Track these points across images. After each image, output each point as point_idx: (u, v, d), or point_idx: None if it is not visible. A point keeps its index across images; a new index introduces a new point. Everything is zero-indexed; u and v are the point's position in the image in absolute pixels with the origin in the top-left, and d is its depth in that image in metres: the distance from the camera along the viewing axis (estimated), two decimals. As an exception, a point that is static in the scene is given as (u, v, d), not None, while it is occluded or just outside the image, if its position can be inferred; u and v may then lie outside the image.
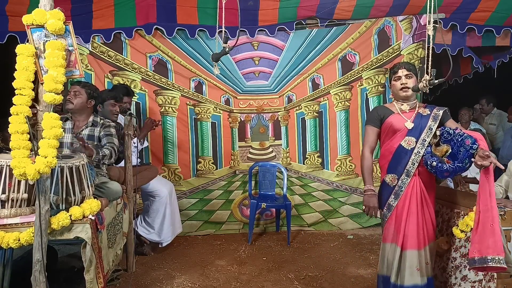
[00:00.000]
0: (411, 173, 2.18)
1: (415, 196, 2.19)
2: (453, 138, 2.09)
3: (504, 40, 4.17)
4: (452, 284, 2.40)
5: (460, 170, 2.03)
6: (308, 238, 4.03)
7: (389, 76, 2.40)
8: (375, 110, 2.40)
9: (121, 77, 3.98)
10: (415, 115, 2.26)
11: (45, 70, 1.88)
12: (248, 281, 2.99)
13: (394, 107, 2.34)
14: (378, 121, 2.31)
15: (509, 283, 2.36)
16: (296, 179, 4.33)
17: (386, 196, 2.25)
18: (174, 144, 4.15)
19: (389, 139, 2.28)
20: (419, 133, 2.20)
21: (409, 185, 2.19)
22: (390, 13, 4.02)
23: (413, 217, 2.17)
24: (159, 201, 3.44)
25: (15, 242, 1.94)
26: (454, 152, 2.06)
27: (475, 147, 1.96)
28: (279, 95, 4.26)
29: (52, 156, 1.80)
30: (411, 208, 2.18)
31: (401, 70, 2.29)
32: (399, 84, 2.28)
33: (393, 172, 2.23)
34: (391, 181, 2.25)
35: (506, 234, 2.35)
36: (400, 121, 2.25)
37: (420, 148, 2.18)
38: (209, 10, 3.76)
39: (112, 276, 2.84)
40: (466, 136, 2.02)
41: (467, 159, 1.99)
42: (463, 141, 2.01)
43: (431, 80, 2.59)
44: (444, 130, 2.16)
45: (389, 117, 2.29)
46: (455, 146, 2.07)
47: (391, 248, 2.21)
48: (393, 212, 2.22)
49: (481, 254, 1.92)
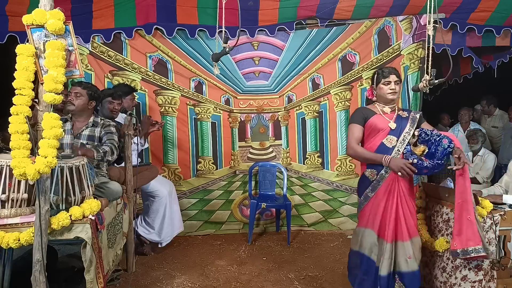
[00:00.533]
0: (389, 170, 2.32)
1: (393, 192, 2.34)
2: (430, 138, 2.29)
3: (504, 40, 4.16)
4: (452, 284, 2.40)
5: (438, 167, 2.22)
6: (308, 238, 4.03)
7: (377, 78, 2.46)
8: (360, 111, 2.53)
9: (121, 77, 3.98)
10: (396, 117, 2.44)
11: (45, 70, 1.88)
12: (248, 281, 2.99)
13: (376, 108, 2.49)
14: (363, 120, 2.45)
15: (509, 283, 2.37)
16: (296, 179, 4.33)
17: (364, 188, 2.42)
18: (174, 144, 4.15)
19: (372, 138, 2.43)
20: (400, 133, 2.38)
21: (387, 180, 2.34)
22: (390, 13, 4.02)
23: (390, 212, 2.32)
24: (158, 202, 3.44)
25: (15, 242, 1.94)
26: (432, 151, 2.25)
27: (452, 146, 2.20)
28: (279, 95, 4.26)
29: (52, 156, 1.80)
30: (388, 204, 2.33)
31: (392, 76, 2.42)
32: (388, 89, 2.41)
33: (373, 167, 2.38)
34: (370, 175, 2.40)
35: (506, 234, 2.36)
36: (384, 122, 2.42)
37: (400, 147, 2.35)
38: (209, 10, 3.76)
39: (112, 276, 2.84)
40: (443, 137, 2.24)
41: (445, 157, 2.20)
42: (440, 140, 2.23)
43: (431, 80, 2.60)
44: (422, 131, 2.35)
45: (372, 117, 2.44)
46: (432, 146, 2.26)
47: (365, 231, 2.39)
48: (369, 203, 2.38)
49: (462, 246, 2.17)
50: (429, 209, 2.68)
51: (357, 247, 2.46)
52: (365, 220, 2.41)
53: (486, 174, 4.22)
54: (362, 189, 2.44)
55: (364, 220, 2.42)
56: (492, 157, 4.26)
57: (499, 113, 5.19)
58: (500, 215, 2.33)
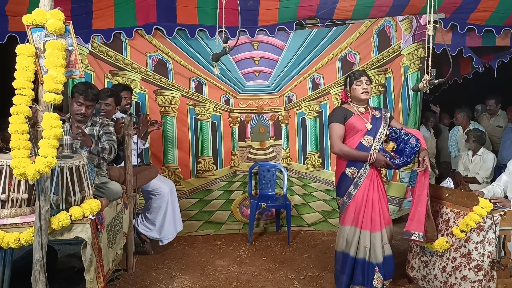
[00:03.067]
0: (368, 166, 2.52)
1: (373, 187, 2.53)
2: (399, 137, 2.55)
3: (504, 40, 4.16)
4: (452, 284, 2.40)
5: (407, 164, 2.52)
6: (308, 238, 4.03)
7: (350, 81, 2.65)
8: (339, 110, 2.66)
9: (121, 77, 3.98)
10: (371, 117, 2.62)
11: (45, 70, 1.88)
12: (248, 281, 2.99)
13: (352, 108, 2.65)
14: (343, 119, 2.59)
15: (509, 283, 2.37)
16: (296, 179, 4.33)
17: (347, 186, 2.56)
18: (174, 144, 4.15)
19: (351, 137, 2.60)
20: (375, 132, 2.58)
21: (367, 177, 2.52)
22: (390, 13, 4.02)
23: (373, 204, 2.52)
24: (160, 198, 3.44)
25: (15, 242, 1.95)
26: (401, 148, 2.51)
27: (419, 145, 2.46)
28: (279, 95, 4.26)
29: (52, 156, 1.80)
30: (370, 197, 2.52)
31: (363, 77, 2.61)
32: (361, 89, 2.59)
33: (353, 165, 2.54)
34: (351, 173, 2.55)
35: (506, 234, 2.36)
36: (361, 122, 2.59)
37: (376, 146, 2.56)
38: (209, 10, 3.75)
39: (112, 276, 2.84)
40: (410, 136, 2.50)
41: (413, 155, 2.46)
42: (408, 140, 2.48)
43: (431, 80, 2.61)
44: (392, 130, 2.61)
45: (351, 117, 2.59)
46: (401, 144, 2.52)
47: (351, 230, 2.54)
48: (354, 200, 2.53)
49: (408, 229, 2.52)
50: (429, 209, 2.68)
51: (343, 247, 2.57)
52: (350, 218, 2.54)
53: (486, 174, 4.22)
54: (344, 188, 2.57)
55: (349, 219, 2.54)
56: (491, 157, 4.26)
57: (502, 113, 5.18)
58: (500, 215, 2.33)
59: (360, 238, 2.51)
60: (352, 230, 2.53)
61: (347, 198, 2.55)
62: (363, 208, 2.51)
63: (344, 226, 2.57)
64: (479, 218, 2.30)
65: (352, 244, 2.52)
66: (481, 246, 2.31)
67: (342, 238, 2.58)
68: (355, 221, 2.52)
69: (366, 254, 2.50)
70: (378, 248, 2.49)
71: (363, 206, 2.51)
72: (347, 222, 2.55)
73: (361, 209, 2.51)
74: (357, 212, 2.52)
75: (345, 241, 2.55)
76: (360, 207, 2.51)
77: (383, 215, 2.53)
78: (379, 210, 2.52)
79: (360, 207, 2.51)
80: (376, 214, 2.51)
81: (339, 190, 2.64)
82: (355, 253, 2.52)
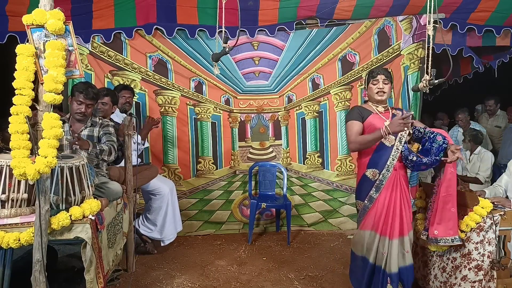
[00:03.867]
0: (391, 168, 2.35)
1: (396, 190, 2.37)
2: (424, 136, 2.39)
3: (504, 40, 4.16)
4: (452, 284, 2.40)
5: (435, 163, 2.30)
6: (308, 238, 4.03)
7: (367, 79, 2.53)
8: (356, 109, 2.53)
9: (121, 77, 3.98)
10: (391, 116, 2.45)
11: (45, 70, 1.88)
12: (248, 281, 2.99)
13: (371, 107, 2.51)
14: (361, 118, 2.46)
15: (509, 283, 2.37)
16: (296, 179, 4.33)
17: (368, 189, 2.40)
18: (174, 144, 4.15)
19: None
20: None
21: (390, 179, 2.36)
22: (390, 13, 4.02)
23: (396, 208, 2.35)
24: (160, 198, 3.44)
25: (15, 242, 1.94)
26: (427, 148, 2.34)
27: (447, 142, 2.28)
28: (279, 95, 4.26)
29: (52, 156, 1.80)
30: (393, 201, 2.35)
31: (380, 76, 2.45)
32: (376, 88, 2.45)
33: (374, 167, 2.38)
34: (372, 175, 2.39)
35: (506, 234, 2.36)
36: (380, 121, 2.40)
37: (398, 145, 2.37)
38: (209, 10, 3.75)
39: (112, 276, 2.84)
40: (436, 134, 2.33)
41: (441, 152, 2.27)
42: (435, 137, 2.31)
43: (431, 80, 2.61)
44: (415, 129, 2.42)
45: (369, 117, 2.45)
46: (427, 143, 2.35)
47: (371, 235, 2.39)
48: (375, 203, 2.37)
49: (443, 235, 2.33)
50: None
51: (363, 252, 2.43)
52: (370, 223, 2.38)
53: (486, 173, 4.22)
54: (365, 191, 2.41)
55: (369, 224, 2.39)
56: (489, 155, 4.26)
57: (501, 113, 5.18)
58: (500, 215, 2.33)
59: (379, 244, 2.36)
60: (372, 235, 2.38)
61: (368, 202, 2.39)
62: (384, 213, 2.34)
63: (364, 231, 2.42)
64: (479, 218, 2.30)
65: (372, 250, 2.37)
66: (481, 246, 2.31)
67: (360, 244, 2.44)
68: (375, 226, 2.37)
69: (383, 262, 2.35)
70: (394, 257, 2.33)
71: (384, 211, 2.34)
72: (367, 227, 2.40)
73: (382, 214, 2.35)
74: (377, 217, 2.36)
75: (365, 248, 2.41)
76: (382, 211, 2.35)
77: (406, 221, 2.35)
78: (401, 216, 2.34)
79: (382, 212, 2.35)
80: (397, 220, 2.33)
81: (359, 193, 2.48)
82: (374, 259, 2.38)
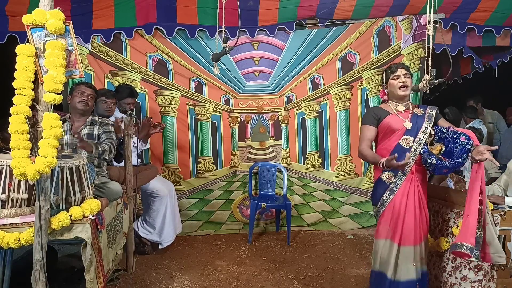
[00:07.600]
0: (407, 171, 2.22)
1: (412, 194, 2.22)
2: (447, 136, 2.18)
3: (504, 40, 4.17)
4: (452, 284, 2.40)
5: (458, 166, 2.10)
6: (308, 238, 4.03)
7: (386, 76, 2.40)
8: (371, 111, 2.41)
9: (121, 77, 3.98)
10: (411, 115, 2.31)
11: (45, 70, 1.88)
12: (248, 281, 2.99)
13: (389, 107, 2.37)
14: (375, 121, 2.34)
15: (509, 283, 2.37)
16: (296, 179, 4.33)
17: (381, 192, 2.28)
18: (174, 144, 4.15)
19: (387, 139, 2.31)
20: (416, 132, 2.26)
21: (405, 182, 2.23)
22: (390, 13, 4.02)
23: (410, 214, 2.20)
24: (159, 201, 3.44)
25: (15, 242, 1.94)
26: (450, 149, 2.14)
27: (471, 143, 2.08)
28: (279, 95, 4.26)
29: (52, 156, 1.80)
30: (408, 206, 2.21)
31: (400, 70, 2.32)
32: (398, 83, 2.30)
33: (391, 170, 2.24)
34: (387, 178, 2.28)
35: (506, 234, 2.36)
36: (398, 121, 2.29)
37: (417, 147, 2.23)
38: (209, 10, 3.75)
39: (112, 276, 2.84)
40: (460, 134, 2.12)
41: (464, 154, 2.08)
42: (458, 138, 2.11)
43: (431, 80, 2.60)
44: (438, 129, 2.24)
45: (386, 117, 2.32)
46: (450, 144, 2.14)
47: (385, 244, 2.24)
48: (388, 208, 2.24)
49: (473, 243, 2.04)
50: (429, 209, 2.68)
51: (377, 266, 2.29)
52: (385, 230, 2.25)
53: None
54: (379, 195, 2.30)
55: (383, 231, 2.26)
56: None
57: (488, 112, 5.23)
58: (500, 215, 2.33)
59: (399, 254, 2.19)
60: (387, 244, 2.22)
61: (380, 206, 2.27)
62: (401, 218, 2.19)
63: (378, 240, 2.27)
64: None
65: (389, 262, 2.20)
66: (481, 246, 2.30)
67: (376, 254, 2.28)
68: (390, 234, 2.22)
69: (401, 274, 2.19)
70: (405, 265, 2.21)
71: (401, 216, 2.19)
72: (381, 235, 2.26)
73: (398, 220, 2.19)
74: (393, 223, 2.21)
75: (379, 259, 2.25)
76: (398, 217, 2.20)
77: (422, 227, 2.22)
78: (417, 221, 2.20)
79: (398, 217, 2.20)
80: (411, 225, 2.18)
81: (374, 197, 2.34)
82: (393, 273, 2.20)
